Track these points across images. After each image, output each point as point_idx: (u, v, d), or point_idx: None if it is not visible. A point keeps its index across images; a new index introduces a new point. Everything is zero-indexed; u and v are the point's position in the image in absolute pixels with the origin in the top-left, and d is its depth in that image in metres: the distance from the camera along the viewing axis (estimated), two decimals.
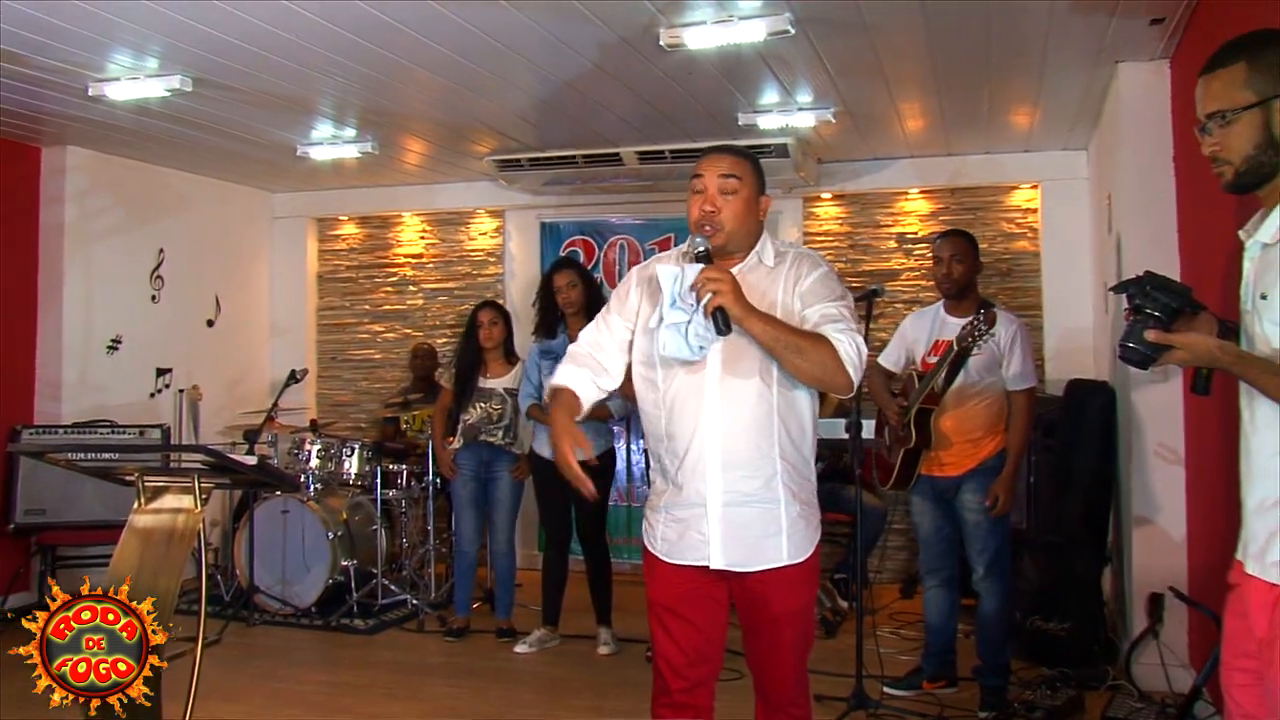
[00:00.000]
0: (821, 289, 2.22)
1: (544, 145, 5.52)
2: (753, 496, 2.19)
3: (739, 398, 2.18)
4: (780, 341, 2.08)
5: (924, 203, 5.90)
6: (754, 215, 2.27)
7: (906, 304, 5.81)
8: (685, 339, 2.09)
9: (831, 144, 5.47)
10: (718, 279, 2.05)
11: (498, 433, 4.74)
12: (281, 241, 6.92)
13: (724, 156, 2.25)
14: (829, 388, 2.19)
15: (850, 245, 6.02)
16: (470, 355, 4.78)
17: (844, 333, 2.14)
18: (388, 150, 5.55)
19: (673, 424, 2.23)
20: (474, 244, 6.72)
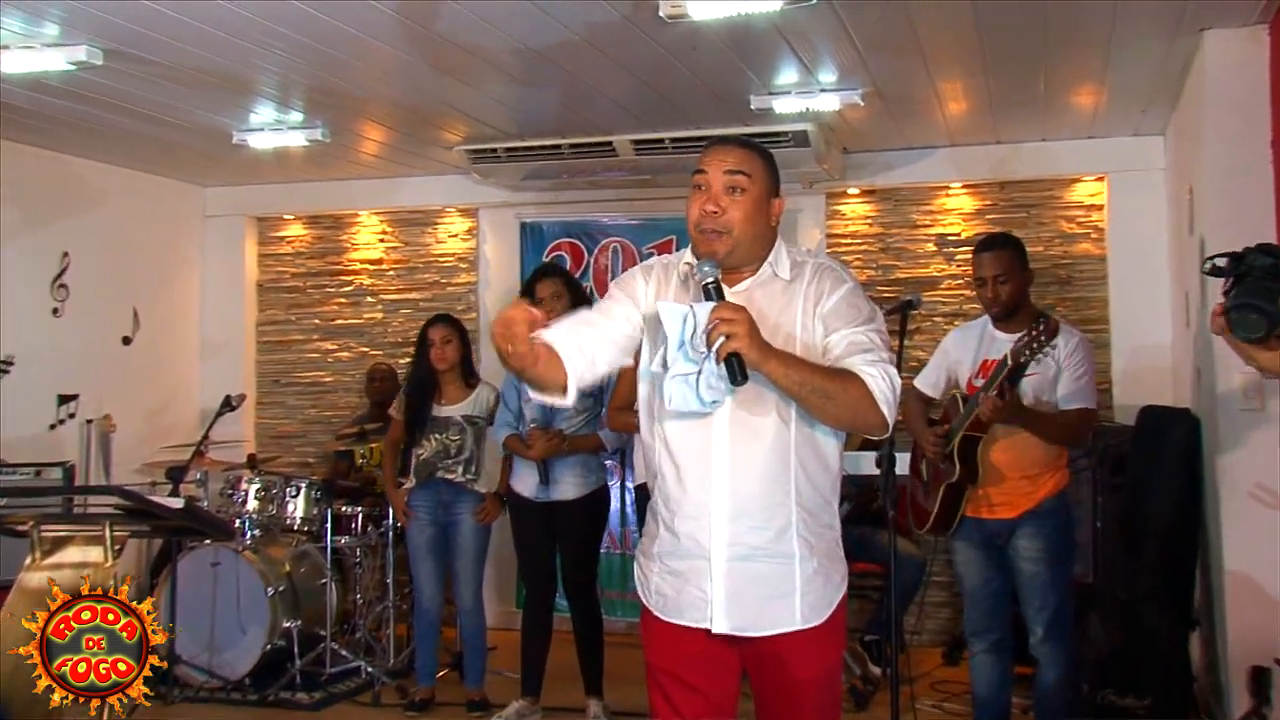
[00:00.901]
0: (847, 310, 2.23)
1: (524, 133, 5.55)
2: (762, 550, 2.19)
3: (752, 435, 2.19)
4: (804, 386, 2.10)
5: (968, 199, 5.94)
6: (765, 219, 2.28)
7: (947, 317, 5.84)
8: (695, 391, 2.12)
9: (859, 131, 5.51)
10: (731, 319, 2.05)
11: (457, 468, 4.74)
12: (214, 244, 6.95)
13: (731, 149, 2.27)
14: (860, 430, 2.21)
15: (881, 249, 6.05)
16: (421, 379, 4.79)
17: (876, 365, 2.16)
18: (340, 138, 5.59)
19: (673, 461, 2.24)
20: (442, 248, 6.75)
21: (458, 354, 4.80)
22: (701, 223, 2.25)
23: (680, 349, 2.12)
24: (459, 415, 4.77)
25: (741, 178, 2.23)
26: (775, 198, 2.31)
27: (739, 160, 2.25)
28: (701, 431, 2.20)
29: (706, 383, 2.11)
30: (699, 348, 2.10)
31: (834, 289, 2.26)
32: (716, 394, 2.13)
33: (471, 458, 4.76)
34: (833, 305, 2.24)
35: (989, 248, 3.77)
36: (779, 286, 2.28)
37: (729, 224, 2.23)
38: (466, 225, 6.71)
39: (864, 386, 2.13)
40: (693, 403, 2.13)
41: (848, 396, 2.12)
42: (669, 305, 2.14)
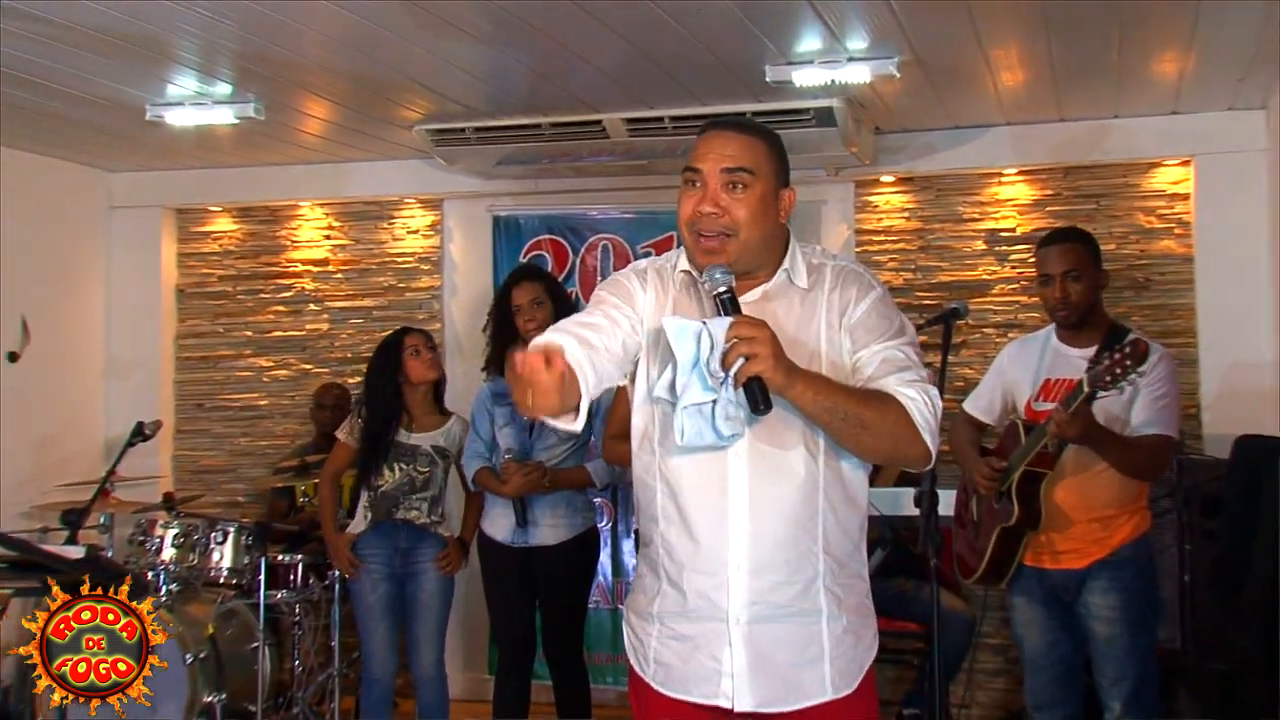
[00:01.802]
0: (878, 322, 2.26)
1: (497, 110, 5.56)
2: (787, 609, 2.20)
3: (776, 472, 2.20)
4: (836, 413, 2.13)
5: (1025, 188, 5.95)
6: (773, 216, 2.29)
7: (1000, 329, 5.84)
8: (712, 423, 2.14)
9: (895, 108, 5.52)
10: (752, 336, 2.08)
11: (421, 505, 4.76)
12: (124, 241, 6.96)
13: (729, 137, 2.28)
14: (898, 463, 2.27)
15: (921, 247, 6.06)
16: (388, 397, 4.81)
17: (914, 385, 2.21)
18: (278, 114, 5.59)
19: (678, 503, 2.24)
20: (400, 246, 6.76)
21: (435, 371, 4.85)
22: (698, 223, 2.25)
23: (694, 373, 2.12)
24: (429, 445, 4.80)
25: (743, 174, 2.25)
26: (784, 189, 2.32)
27: (739, 151, 2.26)
28: (714, 469, 2.20)
29: (724, 412, 2.13)
30: (716, 372, 2.11)
31: (861, 296, 2.28)
32: (735, 426, 2.14)
33: (439, 496, 4.78)
34: (861, 316, 2.26)
35: (1057, 240, 3.80)
36: (797, 296, 2.30)
37: (733, 225, 2.24)
38: (429, 219, 6.72)
39: (903, 411, 2.16)
40: (708, 436, 2.15)
41: (885, 424, 2.15)
42: (678, 321, 2.15)
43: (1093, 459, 3.62)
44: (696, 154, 2.29)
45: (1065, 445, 3.61)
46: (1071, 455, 3.64)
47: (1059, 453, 3.64)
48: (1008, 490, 3.71)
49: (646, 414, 2.29)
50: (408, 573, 4.77)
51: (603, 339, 2.25)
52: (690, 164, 2.29)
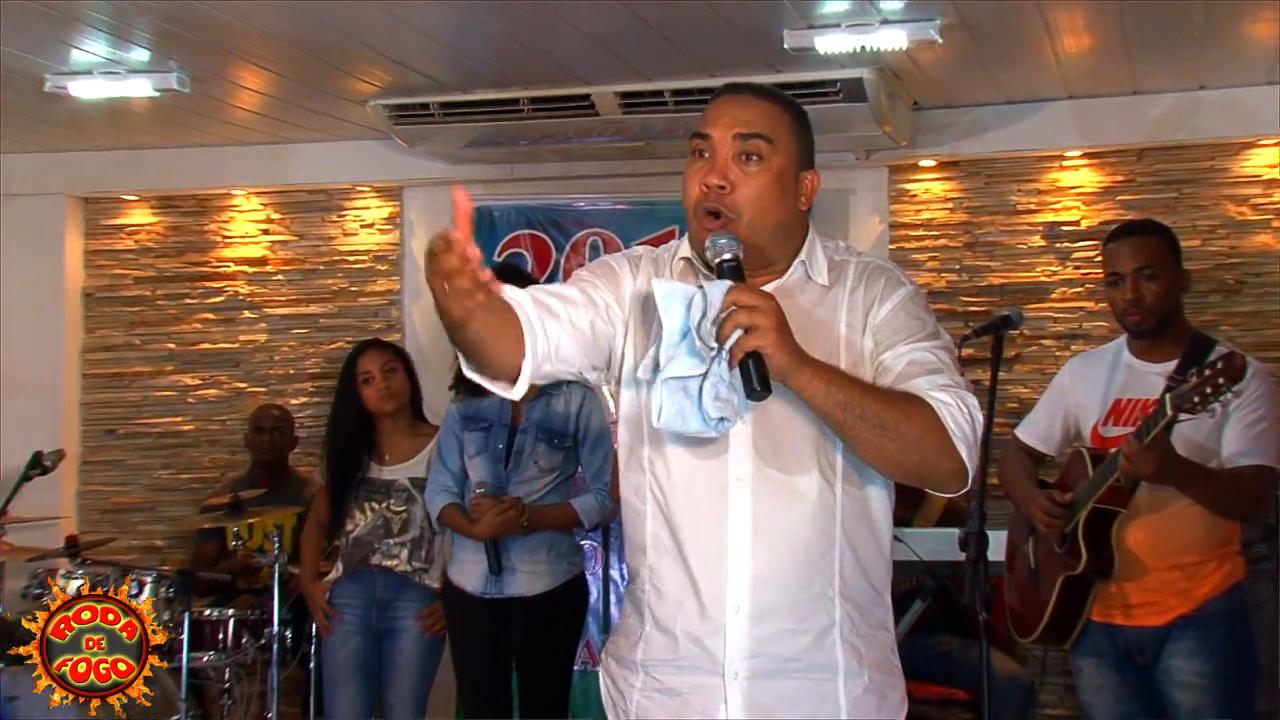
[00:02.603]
0: (907, 321, 2.28)
1: (466, 82, 5.58)
2: (796, 662, 2.21)
3: (786, 496, 2.21)
4: (850, 409, 2.12)
5: (1091, 173, 5.97)
6: (791, 200, 2.31)
7: (1061, 340, 5.86)
8: (698, 403, 2.12)
9: (937, 79, 5.54)
10: (752, 304, 2.08)
11: (400, 551, 4.77)
12: (19, 235, 6.93)
13: (746, 101, 2.30)
14: (928, 481, 2.23)
15: (967, 244, 6.08)
16: (351, 428, 4.84)
17: (948, 390, 2.20)
18: (207, 86, 5.59)
19: (672, 528, 2.25)
20: (353, 242, 6.77)
21: (404, 389, 4.88)
22: (703, 202, 2.27)
23: (682, 341, 2.12)
24: (405, 478, 4.81)
25: (759, 142, 2.26)
26: (807, 170, 2.34)
27: (756, 116, 2.27)
28: (713, 486, 2.22)
29: (714, 391, 2.11)
30: (709, 341, 2.10)
31: (888, 293, 2.30)
32: (725, 409, 2.12)
33: (422, 538, 4.79)
34: (887, 315, 2.28)
35: (1128, 233, 3.82)
36: (815, 294, 2.32)
37: (738, 205, 2.25)
38: (386, 211, 6.73)
39: (933, 416, 2.17)
40: (692, 418, 2.12)
41: (912, 428, 2.15)
42: (668, 285, 2.15)
43: (1174, 494, 3.62)
44: (707, 118, 2.31)
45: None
46: (1149, 489, 3.64)
47: (1134, 487, 3.63)
48: (1073, 531, 3.70)
49: (634, 424, 2.31)
50: (385, 629, 4.79)
51: (568, 310, 2.26)
52: (698, 128, 2.31)
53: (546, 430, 4.54)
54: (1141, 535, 3.67)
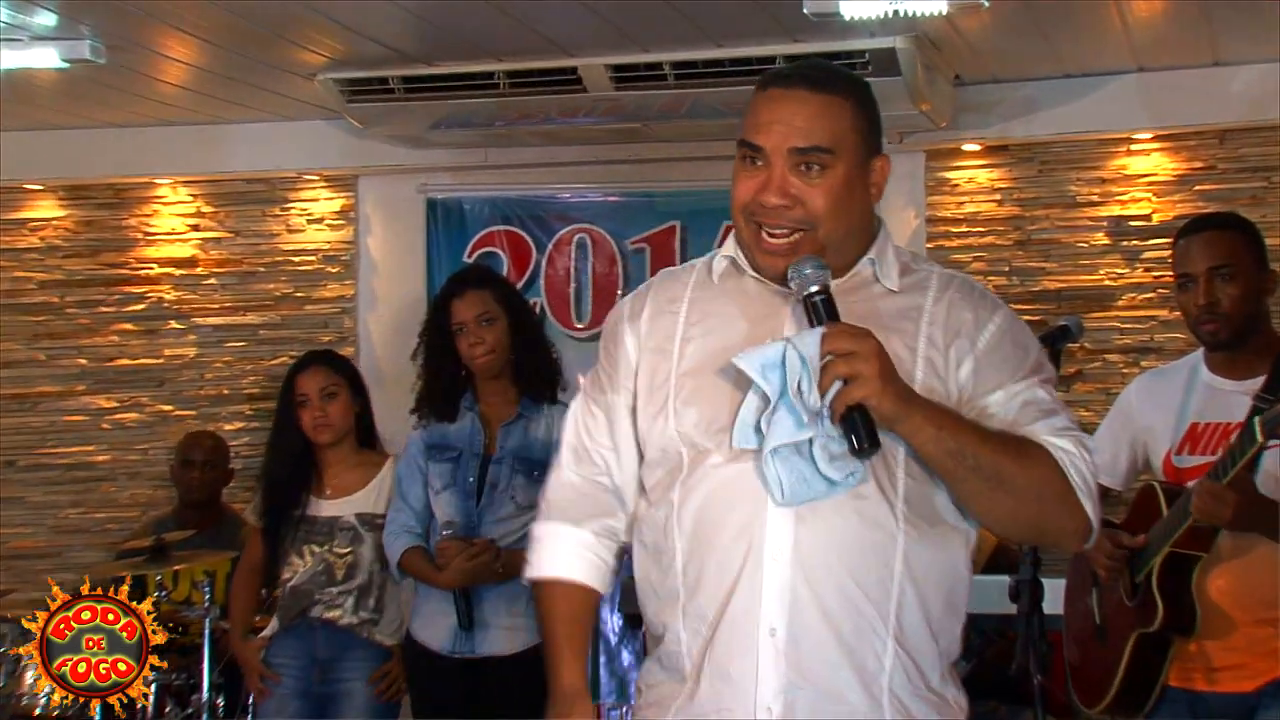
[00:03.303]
0: (1013, 352, 2.31)
1: (432, 53, 5.59)
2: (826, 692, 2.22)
3: (833, 525, 2.22)
4: (965, 460, 2.17)
5: (1163, 159, 5.99)
6: (861, 198, 2.34)
7: (1129, 354, 5.88)
8: (814, 467, 2.19)
9: (982, 49, 5.56)
10: (850, 350, 2.14)
11: (345, 601, 4.73)
12: None
13: (800, 99, 2.29)
14: (1045, 539, 2.32)
15: (1017, 242, 6.09)
16: (288, 457, 4.84)
17: (1068, 435, 2.25)
18: (125, 57, 5.58)
19: (695, 566, 2.28)
20: (298, 240, 6.78)
21: (347, 412, 4.84)
22: (758, 215, 2.30)
23: (782, 405, 2.17)
24: (351, 515, 4.79)
25: (820, 155, 2.27)
26: (876, 157, 2.37)
27: (814, 121, 2.28)
28: (747, 515, 2.24)
29: (826, 453, 2.17)
30: (811, 402, 2.15)
31: (985, 316, 2.32)
32: (846, 464, 2.17)
33: (370, 585, 4.76)
34: (989, 344, 2.30)
35: (1202, 227, 3.80)
36: (882, 297, 2.34)
37: (810, 218, 2.28)
38: (337, 204, 6.74)
39: (1055, 466, 2.21)
40: (816, 484, 2.19)
41: (1032, 481, 2.19)
42: (752, 355, 2.20)
43: (1261, 539, 3.59)
44: (755, 122, 2.31)
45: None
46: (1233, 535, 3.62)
47: (1216, 529, 3.61)
48: (1145, 580, 3.70)
49: (670, 460, 2.34)
50: (329, 692, 4.75)
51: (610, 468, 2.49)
52: (746, 137, 2.31)
53: (525, 460, 4.51)
54: (1225, 584, 3.65)
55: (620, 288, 6.36)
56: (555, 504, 2.52)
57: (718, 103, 5.58)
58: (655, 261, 6.28)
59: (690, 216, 6.31)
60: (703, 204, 6.23)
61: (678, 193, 6.37)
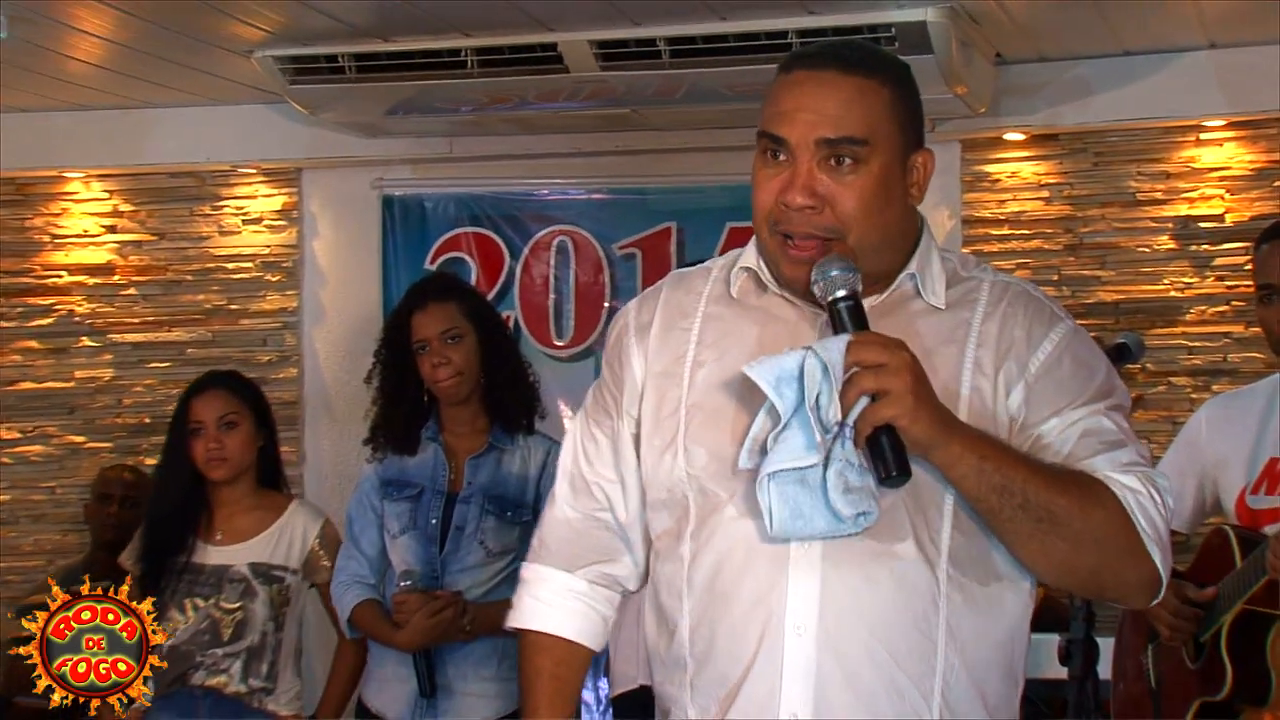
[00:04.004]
0: (1073, 373, 2.30)
1: (388, 26, 5.60)
2: None
3: (861, 592, 2.22)
4: (1010, 494, 2.15)
5: (1239, 150, 6.01)
6: (900, 197, 2.34)
7: (1199, 377, 5.90)
8: (823, 498, 2.16)
9: (1027, 23, 5.57)
10: (879, 361, 2.12)
11: (231, 665, 4.72)
12: None
13: (830, 83, 2.29)
14: (1107, 592, 2.29)
15: (1069, 246, 6.12)
16: (175, 494, 4.83)
17: (1135, 472, 2.22)
18: (30, 30, 5.56)
19: (705, 635, 2.29)
20: (233, 243, 6.80)
21: (252, 447, 4.83)
22: (783, 222, 2.30)
23: (794, 420, 2.14)
24: (244, 564, 4.77)
25: (853, 148, 2.27)
26: (917, 152, 2.37)
27: (845, 107, 2.28)
28: (766, 574, 2.24)
29: (841, 481, 2.14)
30: (828, 417, 2.13)
31: (1043, 332, 2.32)
32: (863, 500, 2.14)
33: (262, 648, 4.74)
34: (1047, 364, 2.29)
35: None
36: (922, 318, 2.34)
37: (840, 223, 2.27)
38: (279, 201, 6.77)
39: (1119, 508, 2.18)
40: (819, 518, 2.16)
41: (1091, 524, 2.16)
42: (764, 365, 2.17)
43: None
44: (777, 110, 2.31)
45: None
46: None
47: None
48: (1212, 640, 3.73)
49: (676, 505, 2.35)
50: None
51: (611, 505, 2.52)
52: (767, 128, 2.31)
53: (497, 498, 4.53)
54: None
55: (607, 299, 6.39)
56: (547, 543, 2.55)
57: (720, 85, 5.60)
58: (647, 269, 6.30)
59: (687, 217, 6.34)
60: (702, 203, 6.26)
61: (673, 189, 6.41)
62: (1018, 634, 2.34)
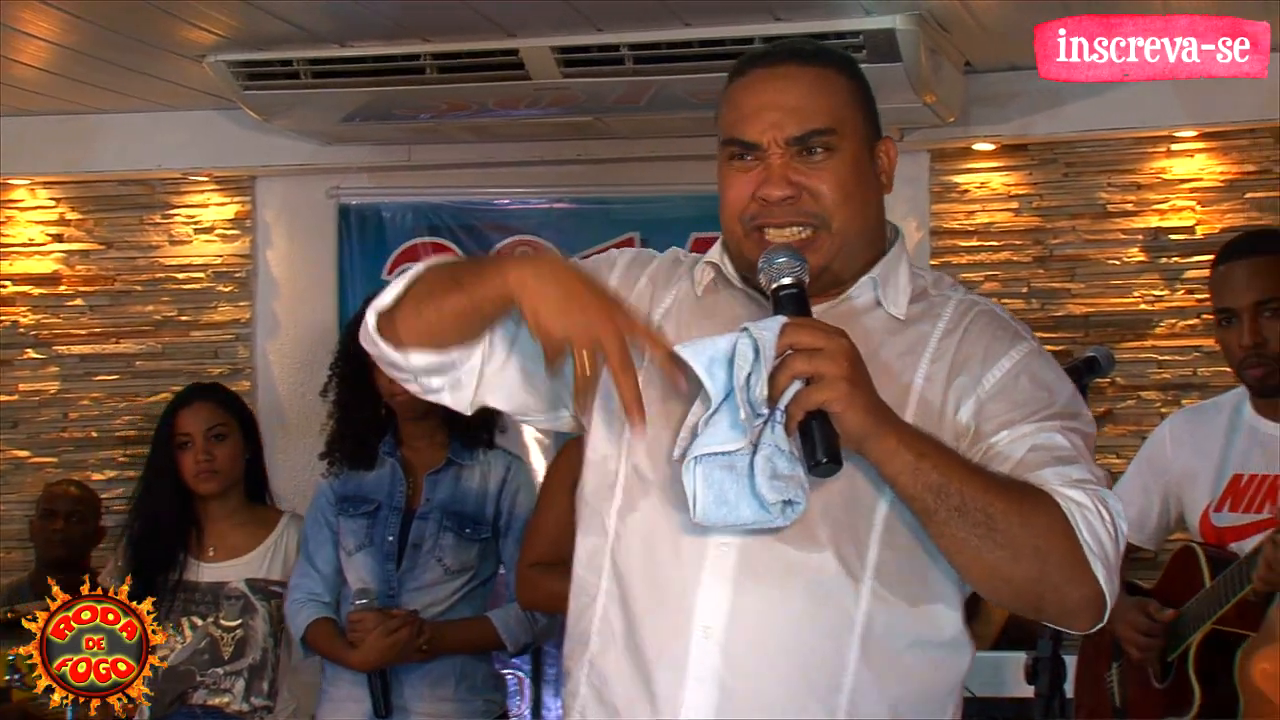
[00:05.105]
0: (1032, 390, 2.29)
1: (345, 31, 5.61)
2: None
3: (773, 599, 2.22)
4: (946, 496, 2.12)
5: (1210, 161, 6.05)
6: (873, 185, 2.37)
7: (1168, 391, 5.93)
8: (749, 485, 2.14)
9: (998, 31, 5.59)
10: (814, 345, 2.10)
11: (233, 685, 4.73)
12: None
13: (790, 76, 2.33)
14: (1047, 610, 2.24)
15: (1039, 258, 6.16)
16: (165, 511, 4.82)
17: (1084, 488, 2.19)
18: None
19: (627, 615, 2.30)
20: (184, 253, 6.80)
21: (240, 460, 4.84)
22: (760, 216, 2.31)
23: (724, 405, 2.12)
24: (240, 581, 4.78)
25: (825, 137, 2.29)
26: (880, 140, 2.40)
27: (808, 99, 2.31)
28: (690, 554, 2.24)
29: (769, 467, 2.11)
30: (758, 401, 2.12)
31: (1001, 350, 2.31)
32: (790, 488, 2.12)
33: (263, 665, 4.76)
34: (1003, 381, 2.29)
35: (1246, 251, 3.84)
36: (880, 330, 2.34)
37: (824, 209, 2.29)
38: (231, 210, 6.77)
39: (1062, 519, 2.15)
40: (743, 507, 2.13)
41: (1030, 533, 2.13)
42: (693, 345, 2.17)
43: None
44: (738, 115, 2.32)
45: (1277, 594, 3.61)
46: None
47: (1268, 603, 3.63)
48: (1180, 660, 3.75)
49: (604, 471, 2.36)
50: None
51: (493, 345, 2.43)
52: (732, 134, 2.33)
53: (456, 515, 4.53)
54: (1275, 668, 3.65)
55: None
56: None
57: (684, 92, 5.62)
58: None
59: (651, 226, 6.35)
60: (666, 212, 6.27)
61: (637, 199, 6.43)
62: (949, 660, 2.32)
